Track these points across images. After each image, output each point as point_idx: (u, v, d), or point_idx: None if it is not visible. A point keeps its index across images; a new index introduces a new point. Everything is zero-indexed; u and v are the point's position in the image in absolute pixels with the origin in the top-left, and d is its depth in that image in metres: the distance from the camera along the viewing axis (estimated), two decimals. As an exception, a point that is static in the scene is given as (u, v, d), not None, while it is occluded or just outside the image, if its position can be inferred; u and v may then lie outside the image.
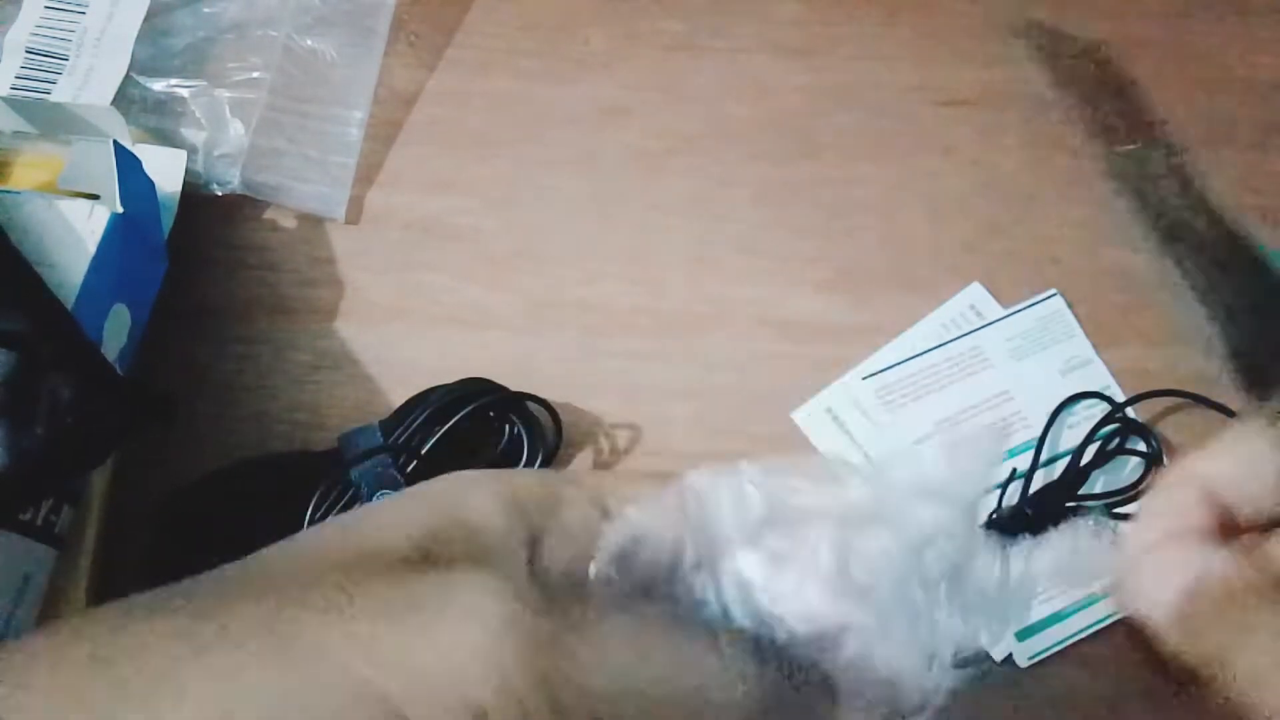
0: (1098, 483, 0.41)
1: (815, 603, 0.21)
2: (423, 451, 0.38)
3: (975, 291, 0.44)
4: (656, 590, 0.22)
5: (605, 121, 0.47)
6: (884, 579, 0.21)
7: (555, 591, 0.21)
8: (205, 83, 0.45)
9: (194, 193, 0.44)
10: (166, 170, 0.43)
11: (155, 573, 0.42)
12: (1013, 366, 0.43)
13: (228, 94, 0.45)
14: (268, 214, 0.46)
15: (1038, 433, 0.41)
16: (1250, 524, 0.22)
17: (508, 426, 0.40)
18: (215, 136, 0.45)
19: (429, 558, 0.20)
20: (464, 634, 0.19)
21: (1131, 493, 0.40)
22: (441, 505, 0.21)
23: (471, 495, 0.22)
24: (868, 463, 0.41)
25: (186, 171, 0.43)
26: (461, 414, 0.39)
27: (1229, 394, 0.42)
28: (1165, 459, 0.41)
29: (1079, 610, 0.40)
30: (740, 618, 0.21)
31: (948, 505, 0.21)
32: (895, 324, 0.44)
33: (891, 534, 0.21)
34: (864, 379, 0.43)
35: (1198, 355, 0.43)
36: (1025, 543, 0.22)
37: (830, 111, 0.47)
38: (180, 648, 0.18)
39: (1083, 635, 0.39)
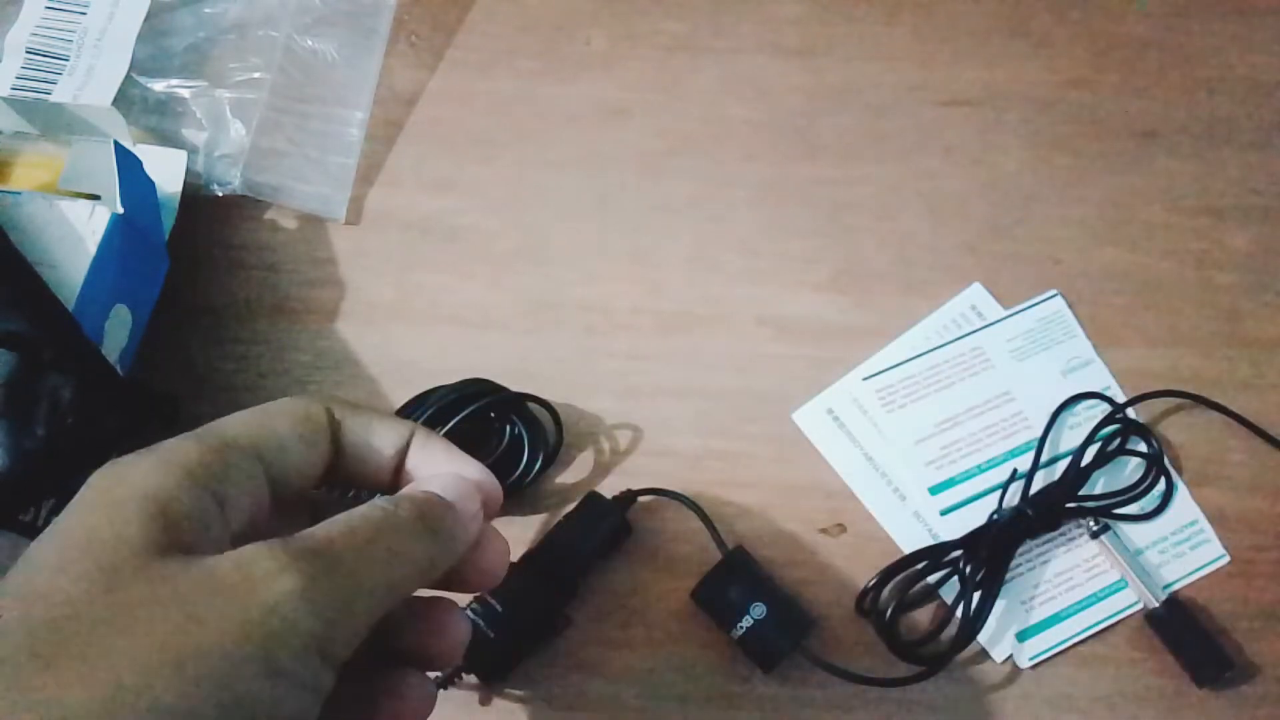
0: (1098, 483, 0.41)
1: None
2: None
3: (976, 292, 0.44)
4: None
5: (605, 121, 0.47)
6: None
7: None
8: (206, 83, 0.45)
9: (194, 193, 0.44)
10: (167, 170, 0.43)
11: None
12: (1014, 367, 0.43)
13: (228, 94, 0.45)
14: (268, 214, 0.46)
15: (1039, 433, 0.41)
16: None
17: (508, 427, 0.40)
18: (216, 137, 0.45)
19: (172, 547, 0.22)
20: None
21: (1132, 493, 0.40)
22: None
23: (149, 484, 0.22)
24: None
25: (187, 172, 0.43)
26: (463, 414, 0.39)
27: (1229, 394, 0.42)
28: (1166, 459, 0.41)
29: (1079, 611, 0.40)
30: None
31: None
32: (896, 324, 0.44)
33: None
34: (865, 379, 0.43)
35: (1197, 355, 0.43)
36: None
37: (830, 111, 0.47)
38: None
39: (1083, 635, 0.39)
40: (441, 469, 0.28)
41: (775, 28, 0.49)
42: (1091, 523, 0.40)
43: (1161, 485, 0.41)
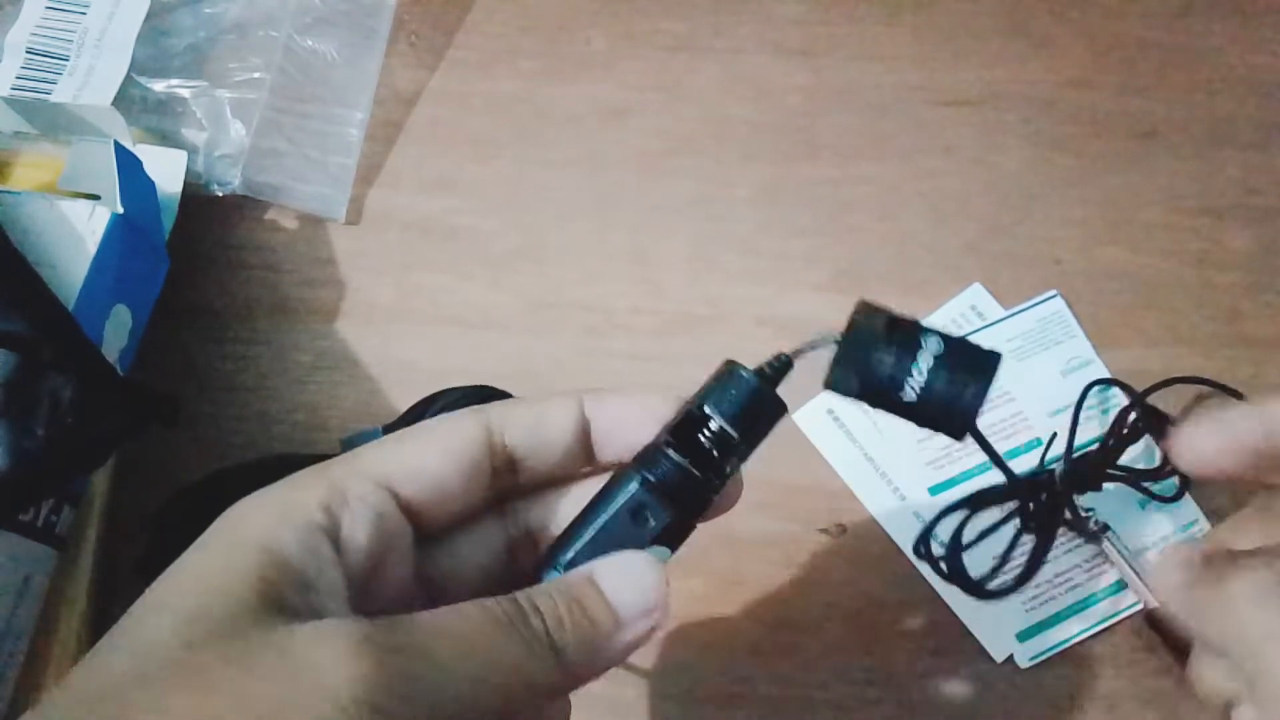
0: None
1: None
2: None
3: (976, 292, 0.44)
4: None
5: (605, 121, 0.47)
6: None
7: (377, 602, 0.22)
8: (206, 83, 0.45)
9: (194, 193, 0.44)
10: (167, 170, 0.43)
11: (155, 573, 0.42)
12: (1014, 367, 0.43)
13: (228, 94, 0.45)
14: (268, 214, 0.46)
15: (1039, 433, 0.41)
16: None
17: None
18: (216, 137, 0.45)
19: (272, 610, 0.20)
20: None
21: (1158, 472, 0.40)
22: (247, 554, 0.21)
23: (264, 532, 0.22)
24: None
25: (187, 172, 0.43)
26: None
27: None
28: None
29: (1079, 611, 0.40)
30: None
31: None
32: (895, 324, 0.44)
33: None
34: (864, 379, 0.43)
35: (1198, 355, 0.43)
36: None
37: (830, 111, 0.47)
38: None
39: (1083, 636, 0.39)
40: (628, 422, 0.24)
41: (775, 28, 0.49)
42: (1092, 523, 0.40)
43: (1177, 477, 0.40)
